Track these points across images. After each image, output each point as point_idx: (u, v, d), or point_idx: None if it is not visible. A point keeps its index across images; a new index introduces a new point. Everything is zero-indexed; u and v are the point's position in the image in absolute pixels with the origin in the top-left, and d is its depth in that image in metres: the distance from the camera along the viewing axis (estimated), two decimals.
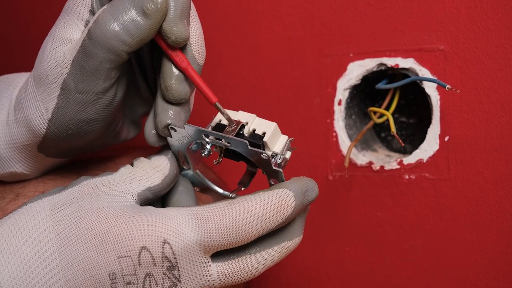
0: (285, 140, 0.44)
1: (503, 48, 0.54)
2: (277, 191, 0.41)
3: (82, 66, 0.42)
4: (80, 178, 0.42)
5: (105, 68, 0.42)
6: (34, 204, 0.40)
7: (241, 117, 0.44)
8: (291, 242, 0.43)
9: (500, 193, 0.56)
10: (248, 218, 0.40)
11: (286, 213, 0.41)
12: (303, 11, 0.63)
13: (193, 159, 0.46)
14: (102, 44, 0.41)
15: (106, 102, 0.44)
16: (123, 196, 0.41)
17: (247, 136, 0.43)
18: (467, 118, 0.56)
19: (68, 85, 0.42)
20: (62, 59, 0.43)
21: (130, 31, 0.41)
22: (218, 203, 0.41)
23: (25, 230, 0.39)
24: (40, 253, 0.38)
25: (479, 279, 0.57)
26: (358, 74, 0.61)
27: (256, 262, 0.42)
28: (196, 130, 0.43)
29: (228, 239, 0.40)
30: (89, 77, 0.42)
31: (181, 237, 0.39)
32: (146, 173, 0.43)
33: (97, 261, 0.39)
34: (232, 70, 0.67)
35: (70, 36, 0.44)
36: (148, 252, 0.39)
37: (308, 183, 0.42)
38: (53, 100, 0.43)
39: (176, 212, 0.40)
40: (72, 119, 0.44)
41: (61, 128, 0.44)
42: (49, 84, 0.43)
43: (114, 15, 0.41)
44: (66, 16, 0.44)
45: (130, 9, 0.41)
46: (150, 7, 0.40)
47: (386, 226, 0.61)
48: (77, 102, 0.43)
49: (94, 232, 0.39)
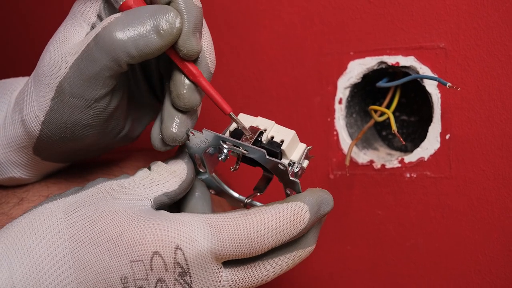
0: (303, 148, 0.44)
1: (504, 45, 0.54)
2: (292, 204, 0.41)
3: (81, 70, 0.41)
4: (96, 179, 0.42)
5: (104, 75, 0.41)
6: (49, 204, 0.40)
7: (260, 123, 0.44)
8: (304, 251, 0.43)
9: (501, 191, 0.56)
10: (262, 231, 0.40)
11: (300, 226, 0.41)
12: (303, 10, 0.63)
13: (209, 163, 0.46)
14: (107, 51, 0.40)
15: (100, 109, 0.43)
16: (138, 200, 0.41)
17: (265, 143, 0.43)
18: (468, 116, 0.56)
19: (63, 88, 0.42)
20: (61, 60, 0.42)
21: (139, 46, 0.40)
22: (233, 213, 0.40)
23: (39, 231, 0.39)
24: (54, 254, 0.38)
25: (480, 277, 0.57)
26: (359, 73, 0.60)
27: (267, 269, 0.42)
28: (214, 136, 0.43)
29: (240, 250, 0.40)
30: (86, 83, 0.41)
31: (194, 243, 0.39)
32: (163, 178, 0.43)
33: (109, 264, 0.39)
34: (232, 69, 0.67)
35: (75, 37, 0.43)
36: (160, 258, 0.39)
37: (323, 196, 0.42)
38: (47, 102, 0.43)
39: (190, 218, 0.40)
40: (65, 122, 0.43)
41: (54, 130, 0.44)
42: (45, 85, 0.43)
43: (128, 25, 0.40)
44: (73, 18, 0.44)
45: (146, 23, 0.40)
46: (165, 27, 0.40)
47: (387, 224, 0.61)
48: (70, 106, 0.42)
49: (107, 235, 0.39)
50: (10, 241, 0.39)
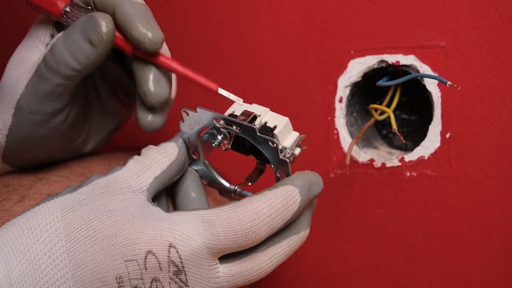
0: (296, 136, 0.44)
1: (504, 44, 0.54)
2: (282, 188, 0.41)
3: (35, 88, 0.44)
4: (91, 177, 0.42)
5: (58, 91, 0.44)
6: (46, 204, 0.41)
7: (254, 109, 0.45)
8: (298, 236, 0.43)
9: (502, 190, 0.55)
10: (255, 220, 0.40)
11: (292, 209, 0.41)
12: (303, 8, 0.63)
13: (203, 150, 0.46)
14: (55, 70, 0.44)
15: (59, 122, 0.46)
16: (133, 194, 0.41)
17: (258, 127, 0.43)
18: (469, 115, 0.56)
19: (21, 105, 0.45)
20: (18, 79, 0.45)
21: (79, 59, 0.43)
22: (224, 206, 0.40)
23: (36, 230, 0.39)
24: (50, 253, 0.39)
25: (481, 276, 0.57)
26: (359, 71, 0.60)
27: (264, 260, 0.41)
28: (207, 114, 0.43)
29: (237, 242, 0.39)
30: (42, 100, 0.45)
31: (188, 241, 0.39)
32: (152, 160, 0.43)
33: (104, 263, 0.39)
34: (232, 68, 0.67)
35: (30, 57, 0.46)
36: (154, 257, 0.39)
37: (312, 177, 0.42)
38: (9, 117, 0.46)
39: (183, 216, 0.40)
40: (26, 136, 0.46)
41: (18, 143, 0.47)
42: (6, 102, 0.46)
43: (66, 44, 0.43)
44: (29, 39, 0.47)
45: (79, 39, 0.43)
46: (96, 38, 0.43)
47: (387, 223, 0.61)
48: (30, 121, 0.46)
49: (102, 234, 0.39)
50: (8, 240, 0.39)
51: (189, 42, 0.70)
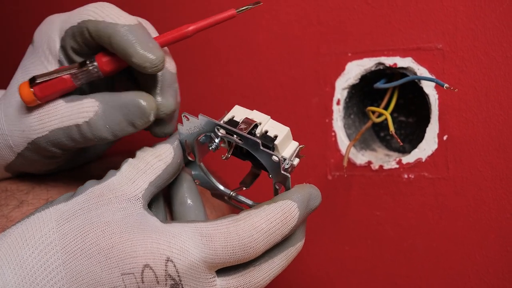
0: (295, 146, 0.44)
1: (501, 46, 0.54)
2: (281, 203, 0.40)
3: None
4: (85, 184, 0.42)
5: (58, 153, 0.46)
6: (41, 213, 0.40)
7: (255, 116, 0.44)
8: (294, 247, 0.43)
9: (499, 192, 0.56)
10: (254, 235, 0.39)
11: (291, 224, 0.40)
12: (301, 10, 0.63)
13: (199, 152, 0.46)
14: (88, 139, 0.44)
15: (56, 165, 0.48)
16: (129, 203, 0.41)
17: (259, 136, 0.43)
18: (466, 117, 0.56)
19: (36, 145, 0.45)
20: (41, 122, 0.45)
21: (118, 135, 0.44)
22: (223, 220, 0.40)
23: (31, 241, 0.39)
24: (46, 265, 0.38)
25: (478, 277, 0.57)
26: (357, 74, 0.61)
27: (262, 273, 0.42)
28: (209, 122, 0.43)
29: (234, 256, 0.39)
30: (33, 165, 0.47)
31: (185, 254, 0.39)
32: (147, 164, 0.42)
33: (101, 276, 0.38)
34: (229, 69, 0.67)
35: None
36: (151, 270, 0.38)
37: (311, 191, 0.42)
38: (12, 157, 0.46)
39: (180, 228, 0.40)
40: (37, 160, 0.47)
41: (27, 165, 0.47)
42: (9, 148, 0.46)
43: (106, 123, 0.43)
44: (36, 57, 0.46)
45: (122, 122, 0.43)
46: (141, 122, 0.43)
47: (385, 225, 0.61)
48: (33, 160, 0.46)
49: (98, 247, 0.39)
50: (3, 252, 0.38)
51: (186, 44, 0.69)
